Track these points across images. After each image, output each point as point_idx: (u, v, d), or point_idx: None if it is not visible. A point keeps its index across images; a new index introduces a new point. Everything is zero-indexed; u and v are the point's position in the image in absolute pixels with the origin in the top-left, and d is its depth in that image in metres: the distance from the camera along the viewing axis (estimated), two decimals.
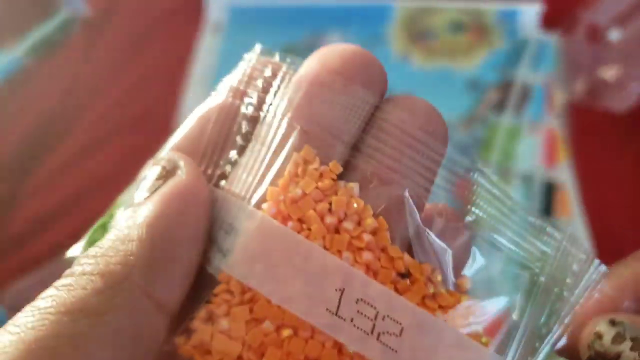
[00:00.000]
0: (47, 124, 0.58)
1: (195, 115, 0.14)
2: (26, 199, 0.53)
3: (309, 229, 0.11)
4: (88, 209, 0.51)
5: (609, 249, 0.46)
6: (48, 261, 0.45)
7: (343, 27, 0.64)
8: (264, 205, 0.12)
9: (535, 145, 0.51)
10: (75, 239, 0.53)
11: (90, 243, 0.13)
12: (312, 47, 0.61)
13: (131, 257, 0.11)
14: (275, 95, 0.13)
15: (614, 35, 0.54)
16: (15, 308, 0.45)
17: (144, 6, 0.70)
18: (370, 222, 0.11)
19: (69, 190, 0.53)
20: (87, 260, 0.11)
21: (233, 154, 0.13)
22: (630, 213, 0.45)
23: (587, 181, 0.49)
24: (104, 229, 0.13)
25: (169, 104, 0.59)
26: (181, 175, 0.12)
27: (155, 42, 0.66)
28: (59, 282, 0.12)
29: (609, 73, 0.52)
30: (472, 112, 0.55)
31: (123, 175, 0.60)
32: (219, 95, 0.14)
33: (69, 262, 0.14)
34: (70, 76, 0.63)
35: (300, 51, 0.63)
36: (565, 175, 0.50)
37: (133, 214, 0.12)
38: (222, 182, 0.13)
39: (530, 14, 0.62)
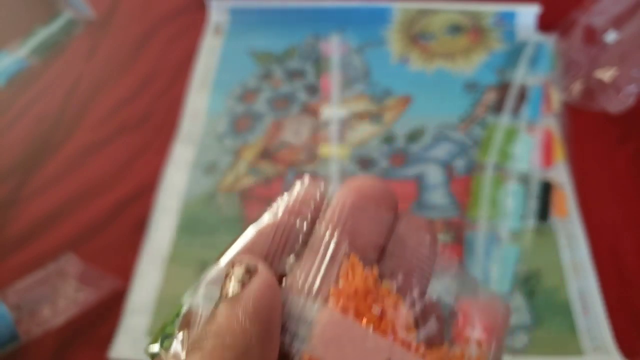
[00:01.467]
0: (50, 125, 0.58)
1: (253, 229, 0.18)
2: (29, 199, 0.52)
3: (363, 317, 0.15)
4: (91, 209, 0.51)
5: (605, 247, 0.45)
6: (50, 261, 0.44)
7: (343, 29, 0.64)
8: (330, 300, 0.15)
9: (532, 145, 0.51)
10: (77, 239, 0.52)
11: (166, 336, 0.16)
12: (313, 50, 0.61)
13: (248, 332, 0.14)
14: (324, 215, 0.17)
15: (611, 37, 0.54)
16: (17, 306, 0.44)
17: (146, 8, 0.70)
18: (404, 311, 0.16)
19: (71, 190, 0.52)
20: (211, 337, 0.14)
21: (291, 259, 0.17)
22: (626, 212, 0.45)
23: (583, 181, 0.49)
24: (173, 325, 0.16)
25: (171, 103, 0.59)
26: (263, 273, 0.15)
27: (157, 44, 0.65)
28: (193, 358, 0.14)
29: (606, 75, 0.52)
30: (470, 113, 0.55)
31: (126, 175, 0.60)
32: (275, 215, 0.18)
33: (151, 356, 0.16)
34: (74, 77, 0.62)
35: (301, 54, 0.62)
36: (562, 175, 0.49)
37: (235, 302, 0.14)
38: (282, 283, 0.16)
39: (527, 16, 0.62)
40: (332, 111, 0.56)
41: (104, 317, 0.44)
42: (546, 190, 0.48)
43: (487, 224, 0.46)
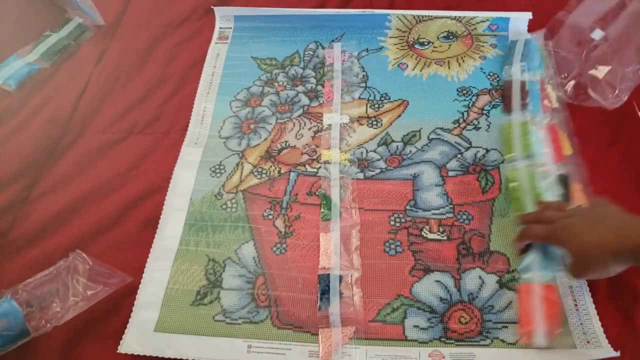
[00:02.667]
0: (60, 126, 0.58)
1: None
2: (40, 198, 0.53)
3: None
4: (101, 209, 0.51)
5: None
6: (60, 258, 0.45)
7: (342, 35, 0.64)
8: None
9: (544, 140, 0.50)
10: (87, 237, 0.52)
11: None
12: (314, 56, 0.61)
13: None
14: None
15: (597, 35, 0.54)
16: (28, 303, 0.44)
17: (154, 15, 0.70)
18: None
19: (82, 190, 0.53)
20: None
21: None
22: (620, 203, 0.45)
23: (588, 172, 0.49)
24: None
25: (178, 107, 0.59)
26: None
27: (165, 49, 0.66)
28: None
29: (600, 72, 0.52)
30: (463, 117, 0.55)
31: (135, 176, 0.60)
32: None
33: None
34: (83, 81, 0.63)
35: (303, 60, 0.63)
36: (572, 168, 0.49)
37: None
38: None
39: (521, 22, 0.62)
40: (335, 117, 0.56)
41: (113, 312, 0.44)
42: (564, 183, 0.48)
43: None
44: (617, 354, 0.39)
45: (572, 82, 0.54)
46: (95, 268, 0.44)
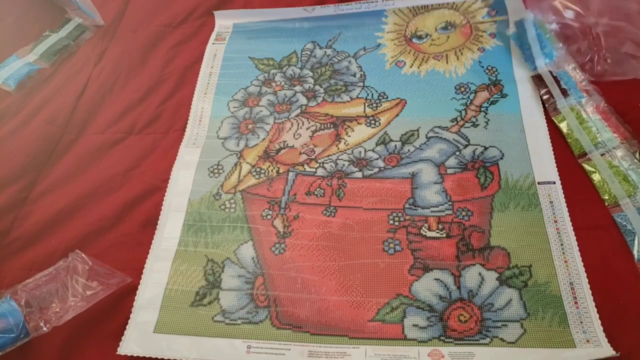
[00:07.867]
0: (60, 126, 0.58)
1: None
2: (40, 198, 0.52)
3: None
4: (100, 209, 0.50)
5: (594, 243, 0.45)
6: (60, 258, 0.44)
7: (339, 34, 0.63)
8: None
9: (601, 123, 0.49)
10: (87, 237, 0.52)
11: None
12: (311, 56, 0.59)
13: None
14: None
15: (569, 14, 0.53)
16: (27, 303, 0.44)
17: (153, 15, 0.69)
18: None
19: (81, 190, 0.52)
20: None
21: None
22: None
23: (568, 178, 0.48)
24: None
25: (177, 107, 0.59)
26: None
27: (164, 49, 0.65)
28: None
29: (619, 46, 0.51)
30: (461, 114, 0.55)
31: (134, 176, 0.60)
32: None
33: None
34: (83, 81, 0.62)
35: (300, 60, 0.62)
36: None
37: None
38: None
39: (516, 2, 0.60)
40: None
41: (112, 313, 0.44)
42: None
43: (631, 200, 0.45)
44: (617, 354, 0.38)
45: (590, 64, 0.52)
46: (94, 268, 0.43)
